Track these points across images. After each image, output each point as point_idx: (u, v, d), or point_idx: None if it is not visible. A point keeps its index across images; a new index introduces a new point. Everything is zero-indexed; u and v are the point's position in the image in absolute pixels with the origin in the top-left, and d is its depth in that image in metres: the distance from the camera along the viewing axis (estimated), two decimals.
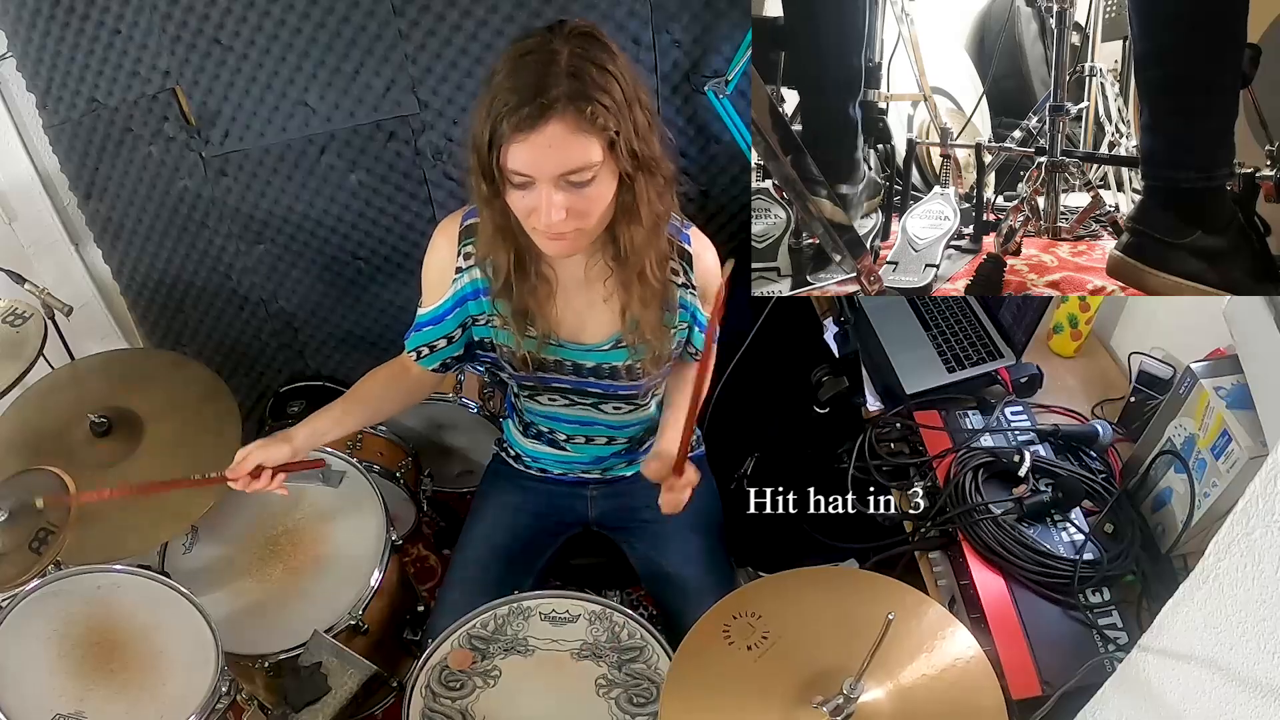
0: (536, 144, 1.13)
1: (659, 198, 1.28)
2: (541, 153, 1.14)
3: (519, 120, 1.11)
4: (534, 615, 1.47)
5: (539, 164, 1.15)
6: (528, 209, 1.21)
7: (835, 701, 1.06)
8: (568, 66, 1.12)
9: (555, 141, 1.13)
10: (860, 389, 1.73)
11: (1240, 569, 0.79)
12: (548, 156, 1.14)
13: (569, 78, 1.12)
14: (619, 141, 1.16)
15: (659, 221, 1.31)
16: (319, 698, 1.44)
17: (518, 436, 1.74)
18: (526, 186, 1.18)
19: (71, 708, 1.34)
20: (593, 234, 1.27)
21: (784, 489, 1.62)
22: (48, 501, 1.36)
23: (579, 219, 1.21)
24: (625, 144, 1.17)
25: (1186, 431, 1.34)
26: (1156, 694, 0.95)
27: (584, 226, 1.23)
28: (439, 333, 1.45)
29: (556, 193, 1.17)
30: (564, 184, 1.17)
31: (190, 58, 1.90)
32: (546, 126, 1.12)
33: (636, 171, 1.21)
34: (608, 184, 1.21)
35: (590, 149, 1.15)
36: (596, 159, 1.16)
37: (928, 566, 1.47)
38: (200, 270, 2.25)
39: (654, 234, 1.32)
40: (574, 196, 1.18)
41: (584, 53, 1.14)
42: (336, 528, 1.75)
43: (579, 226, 1.22)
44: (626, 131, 1.16)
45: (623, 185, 1.23)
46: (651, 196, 1.26)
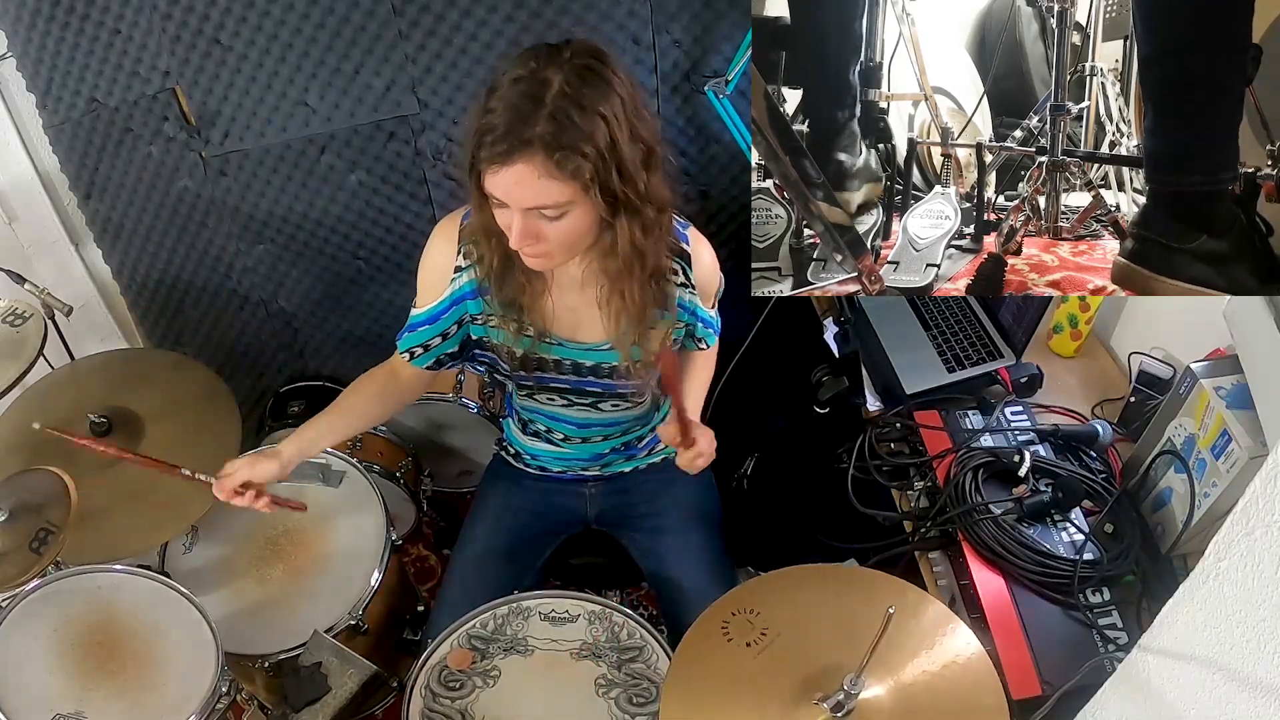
0: (505, 178, 1.15)
1: (644, 234, 1.26)
2: (509, 187, 1.15)
3: (491, 153, 1.13)
4: (534, 615, 1.47)
5: (509, 195, 1.17)
6: (504, 224, 1.23)
7: (836, 698, 1.06)
8: (551, 106, 1.11)
9: (521, 181, 1.14)
10: (860, 389, 1.73)
11: (1240, 569, 0.79)
12: (515, 191, 1.16)
13: (548, 119, 1.11)
14: (593, 187, 1.16)
15: (643, 252, 1.29)
16: (319, 698, 1.44)
17: (517, 434, 1.74)
18: (502, 206, 1.20)
19: (71, 708, 1.34)
20: (568, 255, 1.29)
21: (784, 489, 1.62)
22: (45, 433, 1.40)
23: (546, 245, 1.23)
24: (602, 189, 1.16)
25: (1186, 431, 1.34)
26: (1156, 694, 0.95)
27: (551, 250, 1.24)
28: (433, 331, 1.45)
29: (526, 220, 1.19)
30: (535, 214, 1.18)
31: (190, 58, 1.90)
32: (515, 165, 1.13)
33: (616, 214, 1.22)
34: (581, 219, 1.21)
35: (557, 192, 1.15)
36: (565, 199, 1.16)
37: (928, 566, 1.47)
38: (200, 270, 2.24)
39: (633, 264, 1.30)
40: (544, 226, 1.20)
41: (572, 91, 1.12)
42: (336, 528, 1.75)
43: (546, 250, 1.24)
44: (605, 177, 1.16)
45: (603, 221, 1.23)
46: (634, 235, 1.25)
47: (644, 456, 1.73)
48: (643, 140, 1.20)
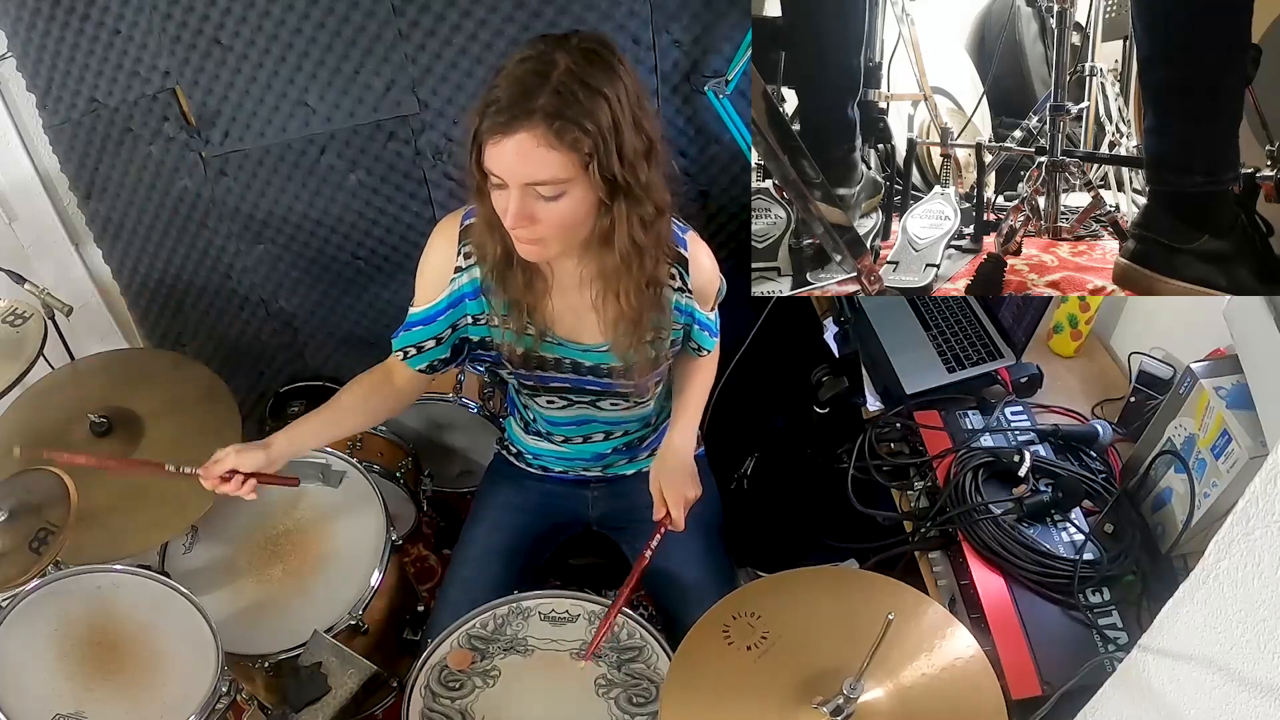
0: (506, 149, 1.14)
1: (642, 226, 1.26)
2: (510, 158, 1.15)
3: (493, 123, 1.14)
4: (533, 615, 1.48)
5: (508, 169, 1.16)
6: (501, 209, 1.22)
7: (835, 701, 1.06)
8: (557, 81, 1.12)
9: (522, 150, 1.14)
10: (860, 389, 1.73)
11: (1240, 569, 0.79)
12: (515, 163, 1.15)
13: (553, 93, 1.12)
14: (593, 164, 1.16)
15: (641, 250, 1.29)
16: (319, 698, 1.44)
17: (519, 434, 1.74)
18: (501, 187, 1.19)
19: (71, 708, 1.34)
20: (563, 244, 1.28)
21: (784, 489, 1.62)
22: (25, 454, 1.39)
23: (542, 228, 1.22)
24: (602, 168, 1.16)
25: (1186, 431, 1.34)
26: (1156, 694, 0.95)
27: (546, 236, 1.24)
28: (428, 333, 1.45)
29: (522, 199, 1.18)
30: (533, 192, 1.18)
31: (190, 58, 1.90)
32: (516, 134, 1.13)
33: (615, 197, 1.21)
34: (579, 201, 1.20)
35: (557, 165, 1.15)
36: (564, 176, 1.16)
37: (928, 566, 1.47)
38: (200, 270, 2.25)
39: (630, 261, 1.29)
40: (540, 207, 1.19)
41: (579, 70, 1.13)
42: (336, 528, 1.75)
43: (541, 236, 1.23)
44: (605, 156, 1.16)
45: (602, 207, 1.23)
46: (633, 224, 1.25)
47: (646, 458, 1.73)
48: (645, 131, 1.20)
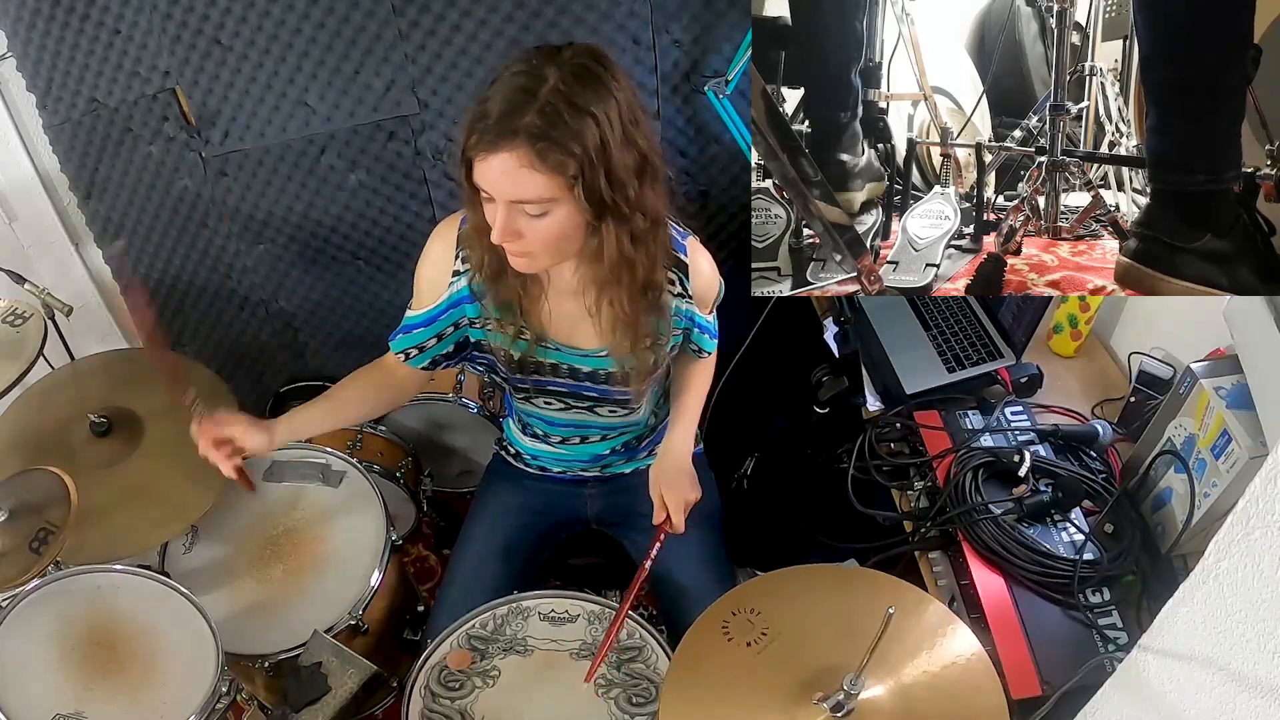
0: (491, 166, 1.15)
1: (632, 241, 1.25)
2: (494, 176, 1.15)
3: (478, 141, 1.14)
4: (533, 615, 1.47)
5: (493, 186, 1.17)
6: (490, 221, 1.22)
7: (836, 698, 1.06)
8: (543, 100, 1.11)
9: (505, 170, 1.14)
10: (860, 389, 1.73)
11: (1240, 569, 0.79)
12: (499, 181, 1.16)
13: (538, 112, 1.11)
14: (579, 186, 1.15)
15: (632, 262, 1.28)
16: (319, 698, 1.44)
17: (517, 434, 1.74)
18: (490, 200, 1.20)
19: (71, 708, 1.34)
20: (552, 257, 1.28)
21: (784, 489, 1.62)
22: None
23: (529, 243, 1.22)
24: (588, 189, 1.16)
25: (1186, 431, 1.34)
26: (1156, 694, 0.95)
27: (534, 250, 1.24)
28: (428, 334, 1.45)
29: (509, 215, 1.19)
30: (519, 209, 1.18)
31: (190, 58, 1.90)
32: (500, 153, 1.13)
33: (603, 216, 1.21)
34: (565, 219, 1.20)
35: (541, 186, 1.15)
36: (548, 196, 1.16)
37: (928, 566, 1.47)
38: (200, 270, 2.25)
39: (620, 272, 1.29)
40: (526, 223, 1.20)
41: (566, 90, 1.12)
42: (336, 528, 1.75)
43: (529, 250, 1.24)
44: (591, 177, 1.15)
45: (590, 224, 1.22)
46: (622, 240, 1.24)
47: (645, 458, 1.73)
48: (637, 148, 1.19)
